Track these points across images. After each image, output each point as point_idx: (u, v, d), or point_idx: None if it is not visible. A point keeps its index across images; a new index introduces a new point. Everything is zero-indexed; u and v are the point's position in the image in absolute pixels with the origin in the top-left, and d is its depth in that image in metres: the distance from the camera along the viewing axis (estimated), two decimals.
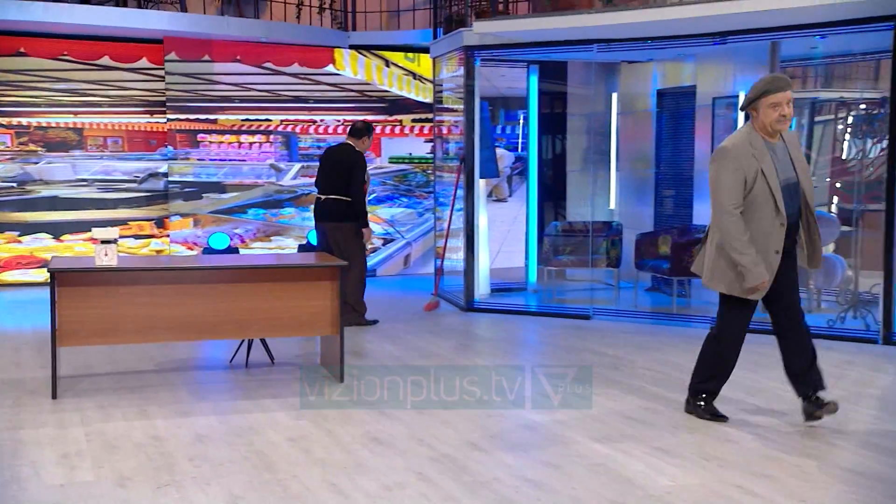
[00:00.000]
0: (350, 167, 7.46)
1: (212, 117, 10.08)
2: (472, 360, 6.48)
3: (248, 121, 10.23)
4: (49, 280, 5.22)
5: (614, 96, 9.54)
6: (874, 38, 7.13)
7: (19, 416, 4.91)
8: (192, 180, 10.03)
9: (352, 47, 10.50)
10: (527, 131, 9.50)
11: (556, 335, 7.39)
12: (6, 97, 9.51)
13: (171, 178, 9.96)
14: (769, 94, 4.44)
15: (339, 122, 10.49)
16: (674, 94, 9.26)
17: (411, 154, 10.77)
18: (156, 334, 5.50)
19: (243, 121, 10.21)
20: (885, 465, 4.14)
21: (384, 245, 10.69)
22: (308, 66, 10.34)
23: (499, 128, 10.04)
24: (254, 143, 10.26)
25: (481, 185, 8.74)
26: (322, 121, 10.47)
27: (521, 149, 9.77)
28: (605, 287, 9.33)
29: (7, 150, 9.55)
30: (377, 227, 10.24)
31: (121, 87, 9.87)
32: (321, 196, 7.58)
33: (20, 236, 9.66)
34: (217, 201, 10.11)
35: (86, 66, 9.73)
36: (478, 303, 8.52)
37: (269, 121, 10.30)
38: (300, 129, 10.41)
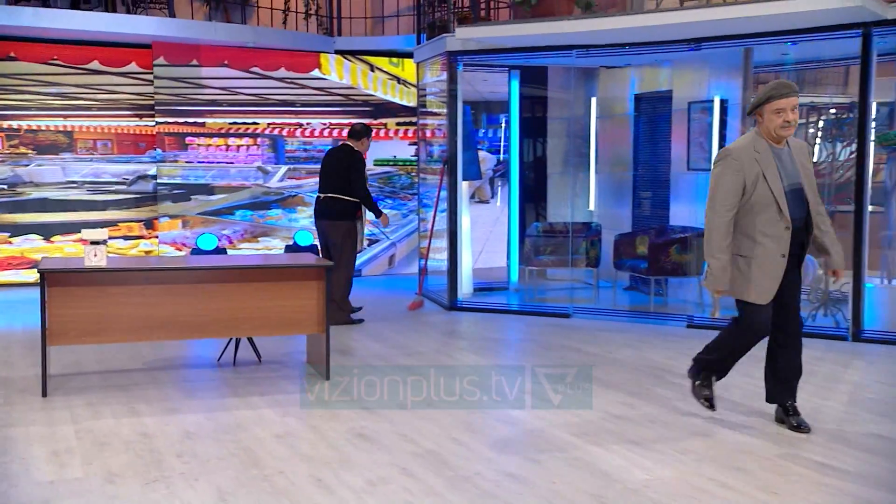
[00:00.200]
0: (347, 167, 7.56)
1: (200, 120, 10.03)
2: (455, 358, 6.49)
3: (235, 124, 10.19)
4: (39, 280, 5.19)
5: (593, 101, 9.57)
6: (843, 45, 7.20)
7: (10, 413, 4.88)
8: (180, 182, 9.98)
9: (337, 52, 10.48)
10: (508, 135, 9.52)
11: (538, 333, 7.41)
12: None
13: (159, 181, 9.91)
14: (773, 100, 4.36)
15: (324, 125, 10.47)
16: (651, 98, 9.29)
17: (396, 157, 10.77)
18: (145, 333, 5.48)
19: (231, 124, 10.17)
20: (854, 457, 4.18)
21: (369, 245, 10.68)
22: (294, 70, 10.32)
23: (481, 131, 10.04)
24: (241, 145, 10.22)
25: (464, 187, 8.75)
26: (308, 124, 10.44)
27: (503, 152, 9.79)
28: (585, 286, 9.36)
29: None
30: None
31: (110, 91, 9.81)
32: (320, 195, 7.69)
33: (11, 237, 9.58)
34: (205, 203, 10.07)
35: (76, 70, 9.67)
36: (461, 302, 8.53)
37: (257, 124, 10.26)
38: (287, 133, 10.38)
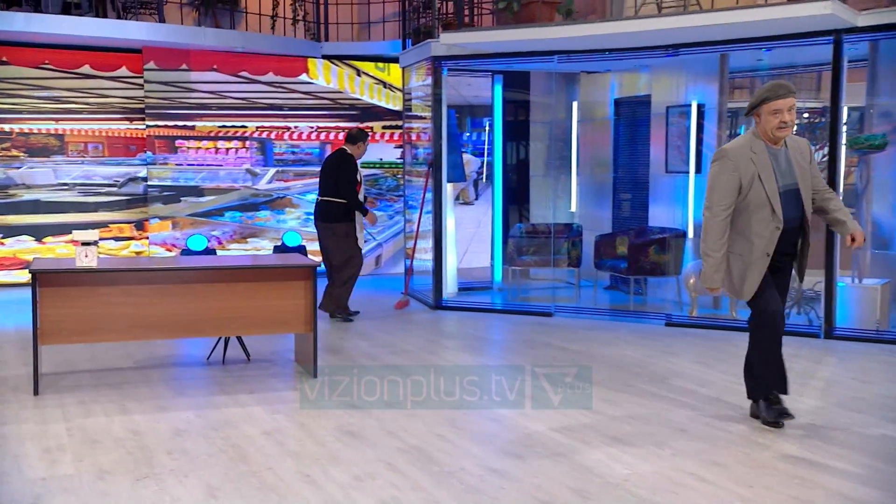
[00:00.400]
0: (336, 169, 7.61)
1: (189, 124, 9.98)
2: (441, 356, 6.49)
3: (224, 127, 10.15)
4: (31, 281, 5.16)
5: (574, 105, 9.59)
6: (816, 52, 7.25)
7: (2, 412, 4.84)
8: (170, 184, 9.93)
9: (324, 57, 10.46)
10: (492, 138, 9.53)
11: (521, 331, 7.42)
12: None
13: (150, 183, 9.86)
14: (770, 101, 4.32)
15: (312, 128, 10.45)
16: (630, 102, 9.33)
17: (382, 159, 10.75)
18: (135, 333, 5.45)
19: (220, 127, 10.13)
20: (826, 451, 4.21)
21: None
22: (282, 74, 10.29)
23: (465, 134, 10.05)
24: (230, 148, 10.18)
25: (449, 188, 8.75)
26: (296, 127, 10.42)
27: (487, 154, 9.80)
28: (567, 286, 9.38)
29: None
30: None
31: (101, 95, 9.75)
32: (318, 197, 7.78)
33: (3, 238, 9.50)
34: (195, 204, 10.02)
35: (67, 74, 9.60)
36: (446, 301, 8.53)
37: (245, 127, 10.23)
38: (275, 136, 10.35)
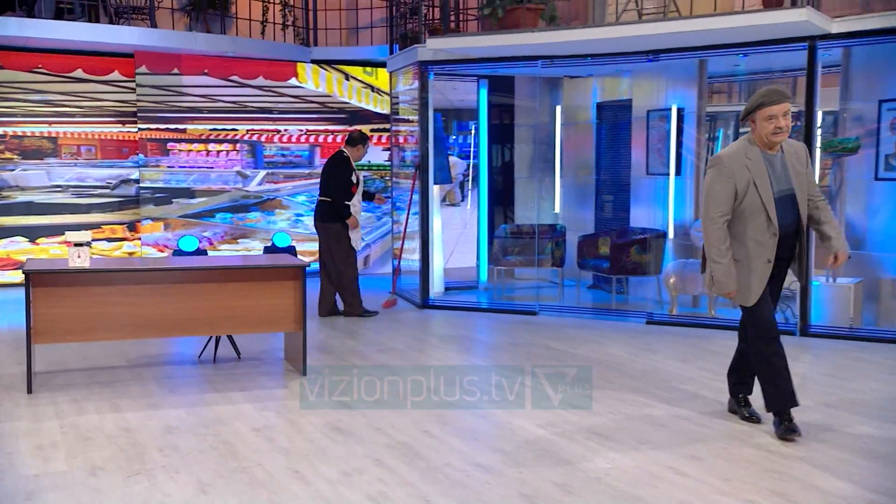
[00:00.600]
0: (330, 170, 7.71)
1: (181, 127, 9.94)
2: (428, 354, 6.49)
3: (215, 130, 10.11)
4: (25, 281, 5.13)
5: (558, 108, 9.61)
6: (791, 58, 7.30)
7: None
8: (162, 186, 9.88)
9: (314, 62, 10.44)
10: (478, 141, 9.54)
11: (506, 330, 7.42)
12: None
13: (142, 185, 9.81)
14: (764, 107, 4.25)
15: (301, 131, 10.42)
16: (612, 106, 9.35)
17: (370, 162, 10.74)
18: (127, 332, 5.43)
19: (211, 130, 10.09)
20: (802, 445, 4.24)
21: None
22: (272, 79, 10.26)
23: (451, 137, 10.05)
24: (221, 151, 10.14)
25: (435, 190, 8.75)
26: (286, 130, 10.39)
27: (473, 157, 9.80)
28: (551, 285, 9.40)
29: None
30: None
31: (94, 99, 9.69)
32: (318, 198, 7.87)
33: None
34: (186, 206, 9.98)
35: (60, 78, 9.54)
36: (433, 300, 8.53)
37: (236, 130, 10.19)
38: (265, 139, 10.32)
